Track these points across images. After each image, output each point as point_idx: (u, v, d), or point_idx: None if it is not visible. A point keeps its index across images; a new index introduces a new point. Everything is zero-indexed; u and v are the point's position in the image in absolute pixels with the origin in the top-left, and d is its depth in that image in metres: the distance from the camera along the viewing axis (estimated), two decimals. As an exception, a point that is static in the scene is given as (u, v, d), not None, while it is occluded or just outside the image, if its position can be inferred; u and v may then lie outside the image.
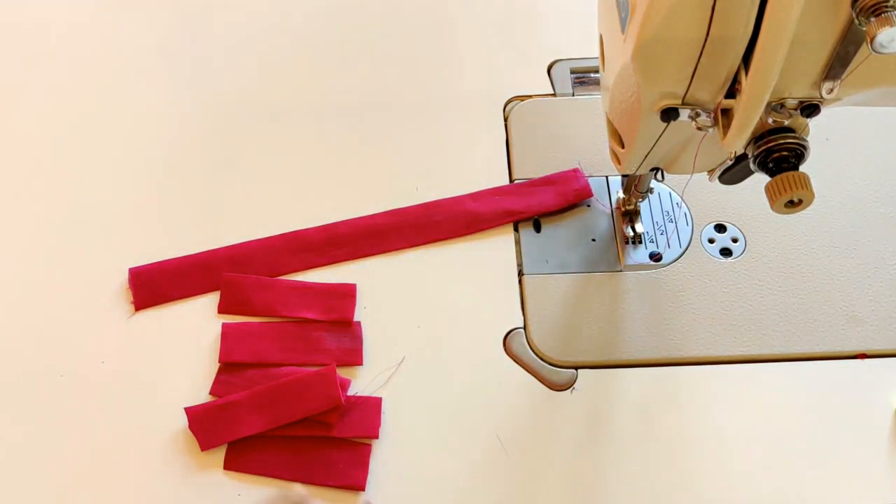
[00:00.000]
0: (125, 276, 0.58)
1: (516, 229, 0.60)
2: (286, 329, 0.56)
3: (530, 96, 0.67)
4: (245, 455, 0.52)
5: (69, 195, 0.62)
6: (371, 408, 0.53)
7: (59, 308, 0.57)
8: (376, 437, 0.52)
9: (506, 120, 0.66)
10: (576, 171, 0.62)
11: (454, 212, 0.61)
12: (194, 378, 0.54)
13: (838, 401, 0.53)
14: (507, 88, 0.68)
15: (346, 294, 0.57)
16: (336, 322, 0.56)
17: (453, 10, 0.73)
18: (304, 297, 0.57)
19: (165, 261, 0.59)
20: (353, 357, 0.55)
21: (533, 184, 0.62)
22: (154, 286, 0.58)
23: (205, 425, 0.52)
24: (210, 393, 0.54)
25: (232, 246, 0.59)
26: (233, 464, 0.52)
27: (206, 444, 0.52)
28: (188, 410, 0.52)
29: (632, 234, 0.59)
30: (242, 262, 0.59)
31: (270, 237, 0.60)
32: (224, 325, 0.56)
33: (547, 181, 0.62)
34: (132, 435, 0.52)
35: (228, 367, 0.55)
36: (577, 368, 0.55)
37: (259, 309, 0.57)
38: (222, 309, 0.57)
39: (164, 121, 0.66)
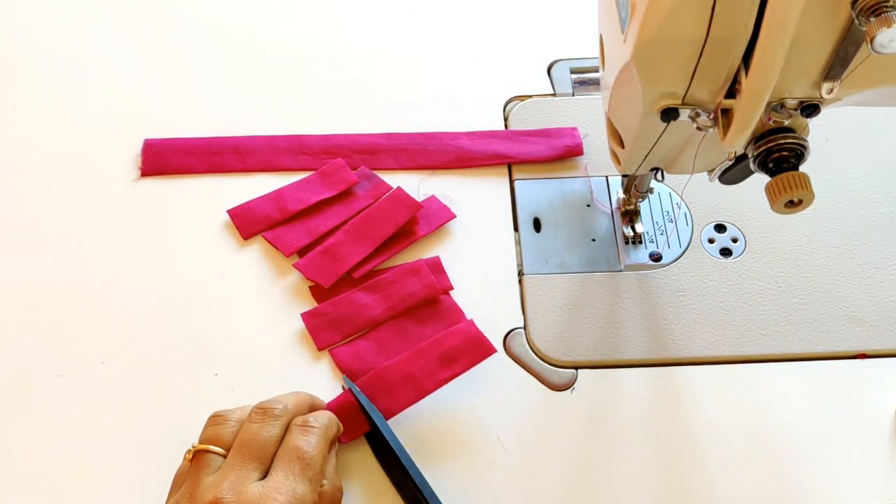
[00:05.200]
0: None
1: (516, 229, 0.60)
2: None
3: (530, 96, 0.67)
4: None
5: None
6: (437, 206, 0.61)
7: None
8: (454, 216, 0.60)
9: (506, 120, 0.66)
10: (573, 129, 0.64)
11: (448, 145, 0.64)
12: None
13: (838, 401, 0.53)
14: (507, 88, 0.68)
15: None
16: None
17: (453, 9, 0.73)
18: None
19: (175, 138, 0.65)
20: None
21: (528, 133, 0.64)
22: (161, 158, 0.64)
23: (315, 267, 0.58)
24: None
25: (237, 137, 0.65)
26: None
27: (325, 280, 0.57)
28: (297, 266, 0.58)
29: (632, 234, 0.59)
30: (244, 152, 0.64)
31: (274, 136, 0.65)
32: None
33: (542, 133, 0.64)
34: (132, 434, 0.52)
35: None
36: (577, 368, 0.55)
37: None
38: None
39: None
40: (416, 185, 0.62)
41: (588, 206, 0.61)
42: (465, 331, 0.55)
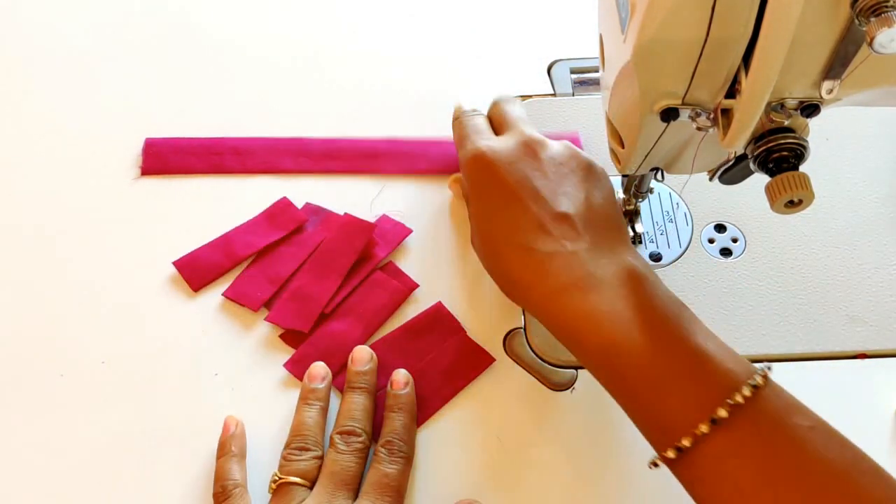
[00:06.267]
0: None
1: (516, 229, 0.60)
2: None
3: (530, 96, 0.67)
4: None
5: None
6: (391, 224, 0.60)
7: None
8: (410, 231, 0.60)
9: (506, 120, 0.66)
10: (574, 133, 0.64)
11: (451, 150, 0.63)
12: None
13: (838, 401, 0.53)
14: (507, 88, 0.68)
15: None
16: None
17: (453, 9, 0.73)
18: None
19: (176, 138, 0.65)
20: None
21: None
22: (162, 157, 0.64)
23: (286, 313, 0.56)
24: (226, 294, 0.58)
25: (238, 138, 0.65)
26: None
27: (303, 325, 0.55)
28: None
29: (632, 234, 0.59)
30: (245, 153, 0.64)
31: (274, 138, 0.65)
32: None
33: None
34: (132, 434, 0.52)
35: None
36: (577, 368, 0.54)
37: None
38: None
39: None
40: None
41: (588, 206, 0.61)
42: (462, 344, 0.55)
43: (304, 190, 0.62)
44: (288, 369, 0.54)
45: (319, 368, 0.53)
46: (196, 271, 0.58)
